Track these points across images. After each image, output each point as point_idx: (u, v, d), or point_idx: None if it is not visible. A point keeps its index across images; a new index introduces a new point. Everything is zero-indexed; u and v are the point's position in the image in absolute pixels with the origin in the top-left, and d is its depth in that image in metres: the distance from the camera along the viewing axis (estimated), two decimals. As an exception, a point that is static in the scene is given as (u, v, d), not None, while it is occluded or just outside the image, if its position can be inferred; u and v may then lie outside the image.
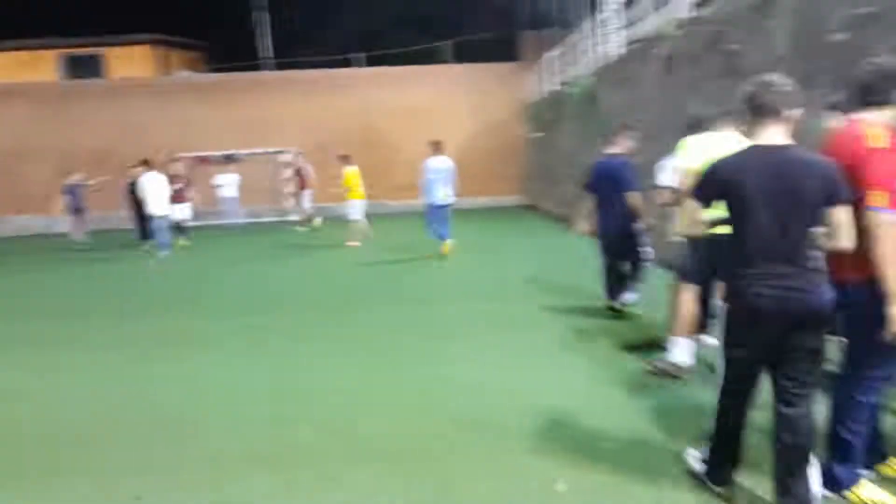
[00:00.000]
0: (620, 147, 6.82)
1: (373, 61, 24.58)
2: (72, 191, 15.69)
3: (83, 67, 24.39)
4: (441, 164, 11.25)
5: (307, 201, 17.98)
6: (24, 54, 23.82)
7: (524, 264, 10.57)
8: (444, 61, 24.68)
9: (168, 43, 25.42)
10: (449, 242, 11.67)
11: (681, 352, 5.03)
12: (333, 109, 22.53)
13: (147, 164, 14.15)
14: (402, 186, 20.72)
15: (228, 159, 21.02)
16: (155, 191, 13.76)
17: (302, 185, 17.97)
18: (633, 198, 6.59)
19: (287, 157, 18.51)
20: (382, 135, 22.27)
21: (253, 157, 20.50)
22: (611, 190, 6.64)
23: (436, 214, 11.52)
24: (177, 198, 14.85)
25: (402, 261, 11.64)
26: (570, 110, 15.96)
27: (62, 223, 20.99)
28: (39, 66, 23.92)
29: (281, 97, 22.63)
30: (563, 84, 17.03)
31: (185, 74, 24.57)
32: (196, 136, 21.82)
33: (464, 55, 25.22)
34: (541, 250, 12.23)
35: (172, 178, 14.86)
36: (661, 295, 6.05)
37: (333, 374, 5.49)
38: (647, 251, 6.90)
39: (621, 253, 6.88)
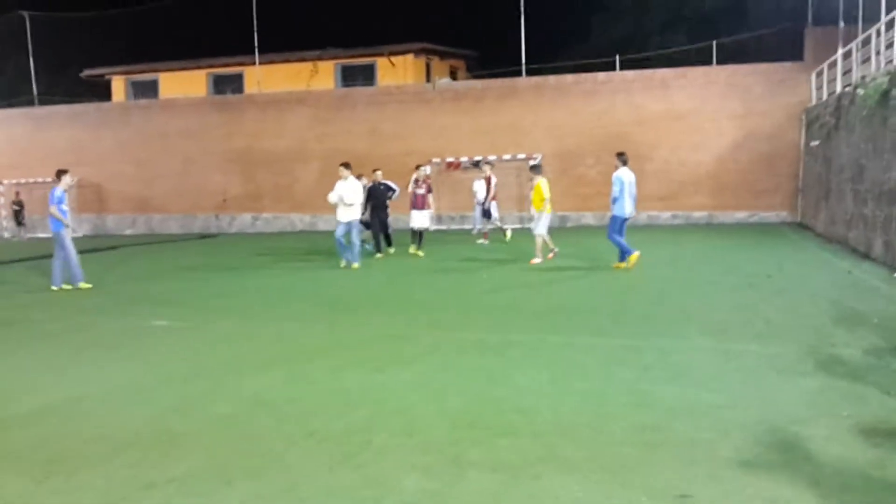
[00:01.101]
0: None
1: (630, 65, 23.32)
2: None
3: (357, 76, 26.48)
4: (630, 177, 11.41)
5: (494, 212, 17.22)
6: (305, 65, 26.38)
7: (786, 293, 9.03)
8: (708, 63, 22.71)
9: (432, 51, 26.61)
10: (629, 261, 11.44)
11: None
12: (583, 115, 21.86)
13: (347, 166, 13.01)
14: (647, 197, 19.23)
15: (476, 165, 21.40)
16: (349, 197, 12.75)
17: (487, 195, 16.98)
18: None
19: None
20: (631, 142, 20.94)
21: (500, 162, 20.59)
22: None
23: (622, 227, 11.48)
24: (417, 203, 14.73)
25: (627, 281, 10.79)
26: (855, 116, 13.73)
27: (325, 221, 22.97)
28: (319, 75, 26.34)
29: (533, 103, 22.47)
30: (848, 86, 14.74)
31: (445, 82, 25.52)
32: (449, 141, 22.52)
33: (732, 56, 23.06)
34: (810, 279, 10.38)
35: (415, 183, 14.92)
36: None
37: (535, 408, 4.96)
38: None
39: None
